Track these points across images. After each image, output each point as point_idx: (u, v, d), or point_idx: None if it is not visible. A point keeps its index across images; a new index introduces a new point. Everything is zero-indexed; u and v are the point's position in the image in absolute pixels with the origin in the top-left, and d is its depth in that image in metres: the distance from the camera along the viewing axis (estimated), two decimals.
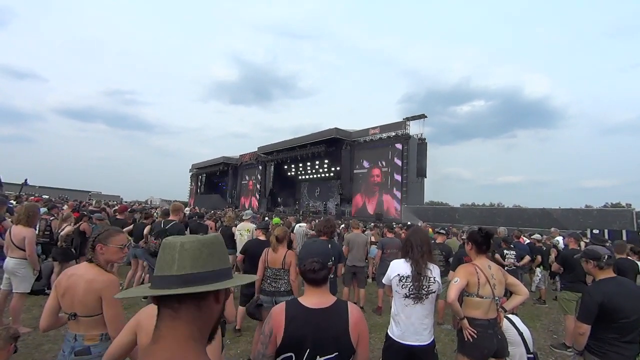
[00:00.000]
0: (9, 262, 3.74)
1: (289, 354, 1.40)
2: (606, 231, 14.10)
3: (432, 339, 2.34)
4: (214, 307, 0.74)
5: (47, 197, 17.45)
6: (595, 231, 13.91)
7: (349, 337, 1.42)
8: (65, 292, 1.78)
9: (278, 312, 1.47)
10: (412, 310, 2.31)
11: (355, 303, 3.64)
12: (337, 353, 1.39)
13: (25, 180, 21.18)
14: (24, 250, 3.73)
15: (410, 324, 2.30)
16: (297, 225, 7.80)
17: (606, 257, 2.40)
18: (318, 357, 1.38)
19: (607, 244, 4.44)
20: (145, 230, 5.33)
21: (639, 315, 2.24)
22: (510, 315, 2.64)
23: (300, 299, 1.53)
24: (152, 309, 1.84)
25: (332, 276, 3.93)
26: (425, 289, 2.32)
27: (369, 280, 7.26)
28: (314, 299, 1.50)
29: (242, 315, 4.00)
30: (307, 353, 1.38)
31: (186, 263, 0.69)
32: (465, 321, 2.38)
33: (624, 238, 12.77)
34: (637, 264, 4.34)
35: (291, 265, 3.49)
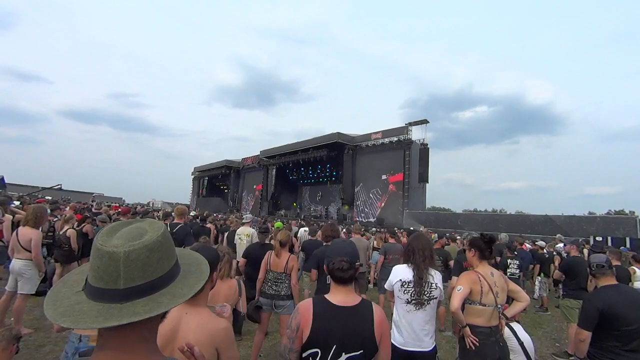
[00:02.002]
0: (15, 263, 3.77)
1: (315, 350, 1.40)
2: (609, 238, 14.00)
3: (433, 345, 2.34)
4: None
5: (50, 198, 17.54)
6: (599, 238, 13.83)
7: (374, 336, 1.44)
8: None
9: (306, 308, 1.48)
10: (413, 316, 2.32)
11: None
12: (362, 351, 1.41)
13: (60, 185, 22.81)
14: (30, 252, 3.76)
15: (412, 330, 2.30)
16: (302, 229, 7.81)
17: (594, 265, 2.41)
18: (344, 354, 1.39)
19: (606, 252, 4.44)
20: None
21: None
22: (512, 323, 2.63)
23: (327, 296, 1.54)
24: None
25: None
26: (427, 295, 2.33)
27: (370, 286, 7.24)
28: (341, 296, 1.52)
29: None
30: (333, 349, 1.39)
31: (134, 274, 0.60)
32: (467, 329, 2.37)
33: (628, 245, 12.67)
34: (629, 271, 4.36)
35: (293, 269, 3.50)
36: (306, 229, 7.69)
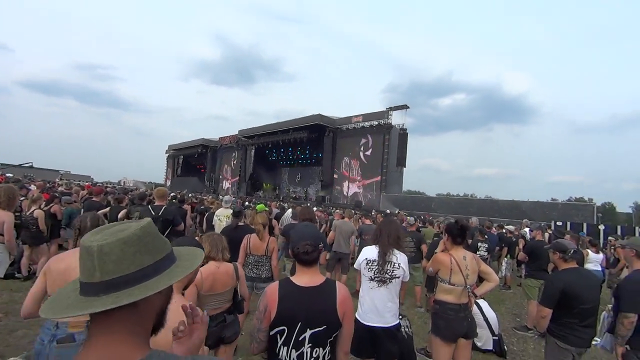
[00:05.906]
0: None
1: (282, 327, 1.51)
2: (569, 223, 15.08)
3: (396, 322, 2.45)
4: (155, 300, 0.67)
5: (11, 175, 16.42)
6: (559, 223, 14.85)
7: (337, 312, 1.54)
8: (57, 279, 1.72)
9: (272, 290, 1.57)
10: (376, 293, 2.44)
11: None
12: (325, 327, 1.52)
13: (31, 163, 22.78)
14: (2, 235, 3.54)
15: (373, 306, 2.42)
16: (289, 210, 7.72)
17: (572, 251, 2.64)
18: (308, 329, 1.50)
19: (567, 236, 4.83)
20: (121, 214, 5.23)
21: (596, 303, 2.51)
22: (479, 301, 2.85)
23: (292, 278, 1.62)
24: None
25: None
26: (389, 274, 2.43)
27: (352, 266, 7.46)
28: (305, 278, 1.60)
29: None
30: (298, 326, 1.50)
31: (109, 267, 0.61)
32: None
33: (584, 230, 13.72)
34: (583, 254, 4.81)
35: (273, 251, 3.54)
36: (290, 210, 7.64)
